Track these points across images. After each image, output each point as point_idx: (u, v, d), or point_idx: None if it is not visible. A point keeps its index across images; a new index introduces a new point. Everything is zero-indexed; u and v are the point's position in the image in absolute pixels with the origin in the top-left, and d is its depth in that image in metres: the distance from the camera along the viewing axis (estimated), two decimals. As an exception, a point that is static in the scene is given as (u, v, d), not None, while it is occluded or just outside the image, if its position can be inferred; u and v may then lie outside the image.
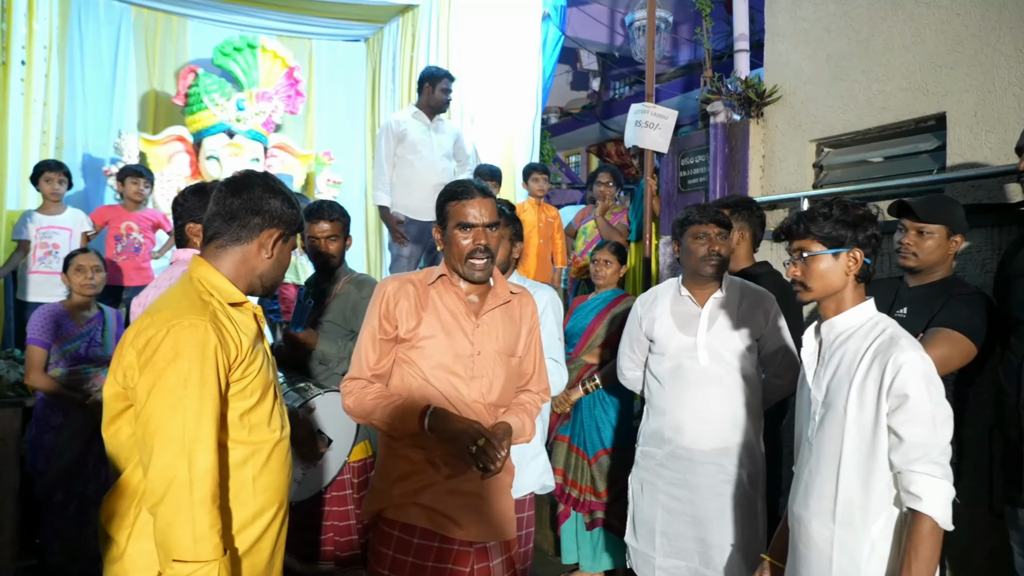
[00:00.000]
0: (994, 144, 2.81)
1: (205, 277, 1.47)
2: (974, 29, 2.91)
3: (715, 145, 3.97)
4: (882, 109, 3.27)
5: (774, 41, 3.86)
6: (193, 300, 1.41)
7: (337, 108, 7.29)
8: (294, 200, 1.58)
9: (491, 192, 1.85)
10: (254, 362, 1.46)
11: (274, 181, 1.57)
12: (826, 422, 1.64)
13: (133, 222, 4.51)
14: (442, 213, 1.86)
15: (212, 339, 1.34)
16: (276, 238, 1.53)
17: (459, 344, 1.82)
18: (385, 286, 1.87)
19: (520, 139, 6.09)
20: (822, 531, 1.61)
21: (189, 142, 5.96)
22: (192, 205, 2.21)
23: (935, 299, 2.16)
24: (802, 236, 1.67)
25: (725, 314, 2.34)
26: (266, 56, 6.33)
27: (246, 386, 1.43)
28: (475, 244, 1.79)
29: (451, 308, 1.85)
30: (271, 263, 1.53)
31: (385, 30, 6.91)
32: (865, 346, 1.61)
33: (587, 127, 10.29)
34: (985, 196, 2.81)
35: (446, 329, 1.82)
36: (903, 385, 1.51)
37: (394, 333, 1.84)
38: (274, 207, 1.51)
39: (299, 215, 1.59)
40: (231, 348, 1.39)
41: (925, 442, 1.50)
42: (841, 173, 3.58)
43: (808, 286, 1.67)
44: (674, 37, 8.12)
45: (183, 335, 1.32)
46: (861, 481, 1.56)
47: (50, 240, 4.20)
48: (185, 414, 1.30)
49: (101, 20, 6.21)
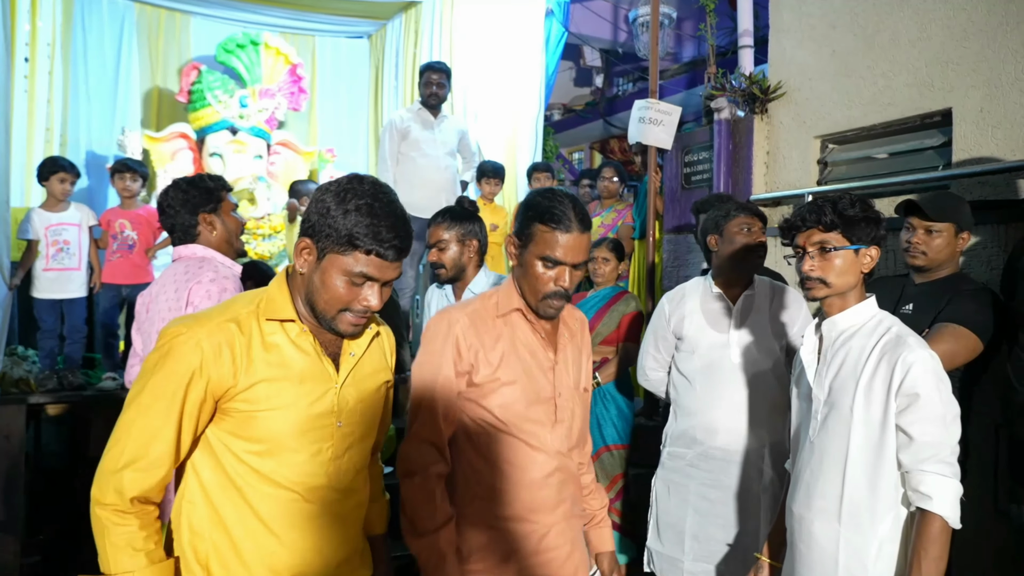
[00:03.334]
0: (1000, 140, 2.79)
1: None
2: (980, 24, 2.89)
3: (719, 142, 3.95)
4: (887, 105, 3.25)
5: (778, 37, 3.84)
6: (216, 307, 1.35)
7: (340, 105, 7.28)
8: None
9: (590, 223, 1.57)
10: (263, 396, 1.28)
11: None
12: (830, 421, 1.62)
13: (126, 219, 4.46)
14: (527, 228, 1.54)
15: (194, 345, 1.24)
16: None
17: (540, 387, 1.58)
18: (451, 323, 1.55)
19: (523, 136, 6.07)
20: (826, 531, 1.58)
21: (192, 139, 5.96)
22: (199, 196, 2.17)
23: (941, 295, 2.15)
24: (828, 228, 1.59)
25: (756, 311, 2.30)
26: (269, 53, 6.32)
27: (239, 411, 1.28)
28: (557, 285, 1.52)
29: (529, 345, 1.59)
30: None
31: (388, 27, 6.89)
32: (871, 344, 1.58)
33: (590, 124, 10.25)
34: (991, 192, 2.79)
35: (527, 371, 1.56)
36: (913, 384, 1.49)
37: (464, 381, 1.55)
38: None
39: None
40: (224, 359, 1.25)
41: (936, 441, 1.48)
42: (846, 169, 3.56)
43: (827, 282, 1.60)
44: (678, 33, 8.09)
45: (162, 347, 1.26)
46: (868, 481, 1.54)
47: (60, 237, 4.21)
48: (126, 424, 1.24)
49: (104, 17, 6.21)
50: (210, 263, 2.10)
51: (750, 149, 3.87)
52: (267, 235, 5.77)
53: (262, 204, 5.90)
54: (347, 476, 1.40)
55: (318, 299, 1.30)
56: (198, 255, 2.13)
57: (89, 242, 4.31)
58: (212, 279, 2.03)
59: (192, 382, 1.24)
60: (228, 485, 1.30)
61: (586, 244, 1.53)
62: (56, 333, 4.21)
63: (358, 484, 1.44)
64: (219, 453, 1.30)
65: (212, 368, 1.24)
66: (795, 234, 1.66)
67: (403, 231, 1.28)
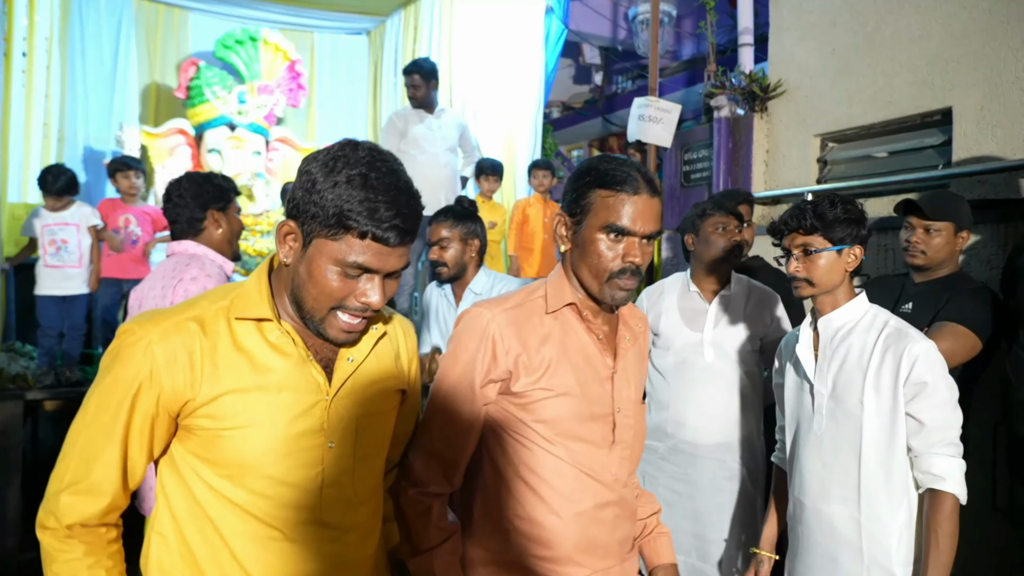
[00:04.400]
0: (1000, 139, 2.79)
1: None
2: (981, 22, 2.88)
3: (719, 140, 3.95)
4: (887, 103, 3.25)
5: (779, 35, 3.83)
6: (184, 304, 1.11)
7: (339, 101, 7.28)
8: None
9: (660, 188, 1.32)
10: (230, 411, 1.04)
11: None
12: (837, 415, 1.67)
13: (131, 215, 4.50)
14: (583, 198, 1.28)
15: (144, 347, 1.02)
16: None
17: (597, 400, 1.31)
18: (487, 321, 1.28)
19: (522, 133, 6.07)
20: (847, 521, 1.64)
21: (190, 135, 5.95)
22: (212, 192, 2.19)
23: (940, 294, 2.15)
24: (809, 232, 1.67)
25: (732, 311, 2.33)
26: (268, 49, 6.31)
27: (204, 429, 1.05)
28: (627, 261, 1.25)
29: (583, 349, 1.32)
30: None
31: (387, 23, 6.88)
32: (872, 339, 1.65)
33: (589, 121, 10.25)
34: (991, 191, 2.79)
35: (581, 380, 1.30)
36: (921, 374, 1.57)
37: (497, 389, 1.30)
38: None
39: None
40: (179, 367, 1.02)
41: (944, 424, 1.57)
42: (845, 168, 3.55)
43: (813, 282, 1.68)
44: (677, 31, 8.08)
45: (113, 345, 1.06)
46: (882, 468, 1.61)
47: (57, 236, 4.21)
48: (70, 442, 1.05)
49: (102, 12, 6.19)
50: (198, 261, 2.07)
51: (750, 147, 3.87)
52: (265, 232, 5.76)
53: (260, 200, 5.89)
54: (345, 508, 1.13)
55: (305, 295, 1.04)
56: (189, 252, 2.11)
57: (92, 241, 4.31)
58: (194, 277, 1.99)
59: (140, 393, 1.02)
60: (200, 515, 1.06)
61: (658, 211, 1.28)
62: (57, 330, 4.22)
63: (362, 517, 1.16)
64: (188, 478, 1.07)
65: (164, 376, 1.01)
66: (781, 236, 1.74)
67: (407, 208, 1.02)
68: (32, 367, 4.04)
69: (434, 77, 4.44)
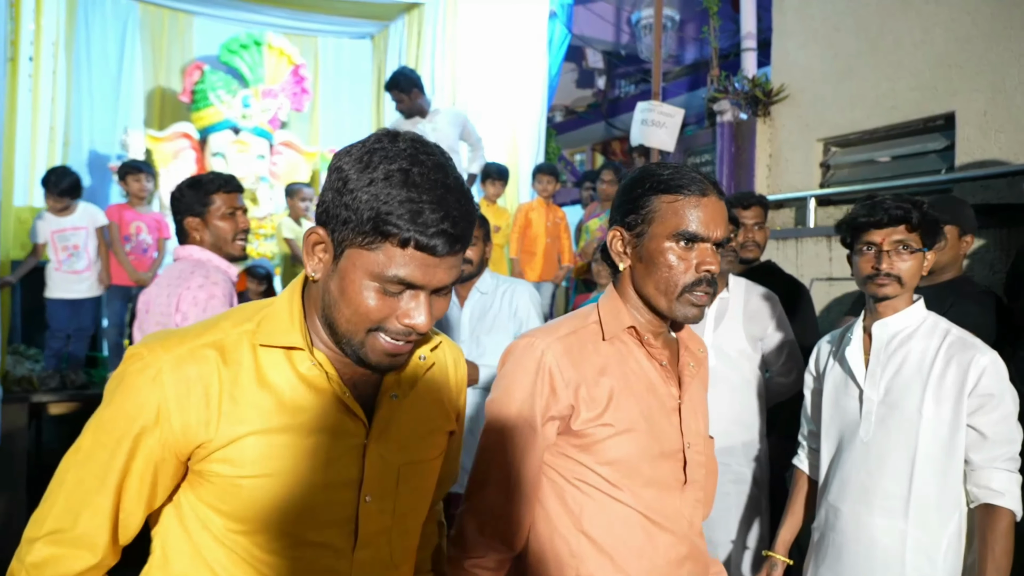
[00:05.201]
0: (1004, 144, 2.79)
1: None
2: (984, 28, 2.89)
3: (722, 144, 3.95)
4: (890, 108, 3.25)
5: (782, 40, 3.84)
6: (201, 324, 0.94)
7: (343, 105, 7.29)
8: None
9: (724, 192, 1.22)
10: (250, 456, 0.87)
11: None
12: (890, 422, 1.62)
13: (142, 222, 4.55)
14: (643, 207, 1.16)
15: (152, 378, 0.85)
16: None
17: (665, 435, 1.17)
18: (539, 353, 1.15)
19: (526, 137, 6.07)
20: (889, 530, 1.59)
21: (195, 139, 5.97)
22: (190, 199, 2.11)
23: (944, 299, 2.14)
24: (915, 228, 1.58)
25: (732, 314, 2.32)
26: (272, 53, 6.33)
27: (219, 476, 0.87)
28: (702, 271, 1.13)
29: (646, 378, 1.19)
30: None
31: (391, 28, 6.90)
32: (934, 346, 1.60)
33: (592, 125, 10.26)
34: (994, 196, 2.79)
35: (647, 414, 1.16)
36: (988, 386, 1.52)
37: (556, 428, 1.16)
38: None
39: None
40: (193, 402, 0.86)
41: (1008, 439, 1.53)
42: (848, 172, 3.56)
43: (904, 281, 1.60)
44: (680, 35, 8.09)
45: (118, 372, 0.89)
46: (936, 480, 1.56)
47: (68, 242, 4.24)
48: (58, 482, 0.88)
49: (108, 17, 6.22)
50: (202, 267, 2.04)
51: (752, 152, 3.87)
52: (269, 235, 5.78)
53: (264, 204, 5.91)
54: (378, 574, 0.96)
55: (338, 315, 0.87)
56: (193, 257, 2.09)
57: (99, 243, 4.34)
58: (200, 285, 1.97)
59: (144, 432, 0.85)
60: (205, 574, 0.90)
61: (726, 215, 1.16)
62: (65, 333, 4.26)
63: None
64: (192, 531, 0.90)
65: (175, 413, 0.85)
66: (864, 231, 1.62)
67: (458, 209, 0.84)
68: (37, 369, 4.05)
69: (415, 86, 4.35)
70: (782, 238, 3.48)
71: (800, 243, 3.39)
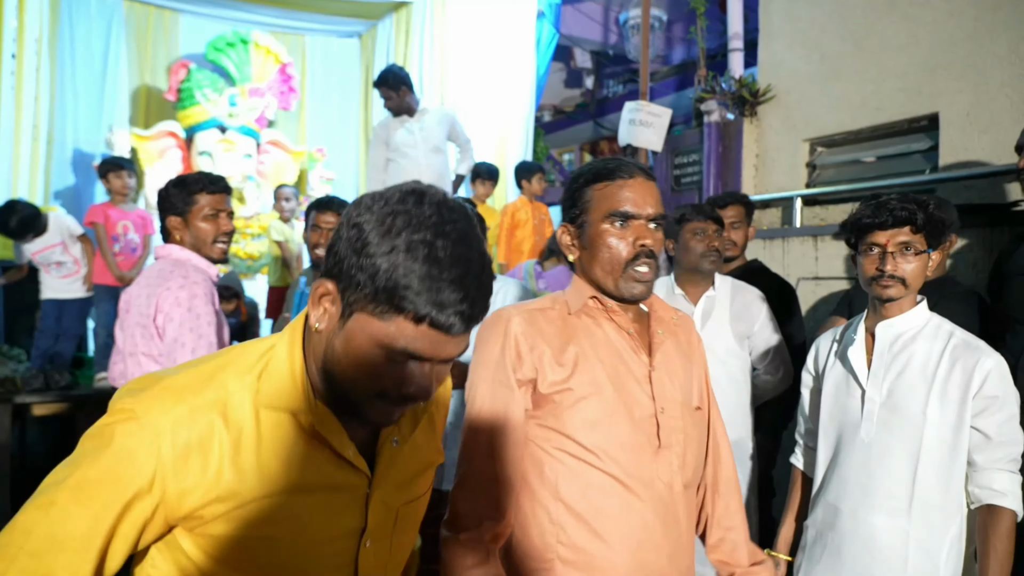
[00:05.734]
0: (987, 145, 2.82)
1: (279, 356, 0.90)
2: (968, 30, 2.91)
3: (709, 144, 3.97)
4: (876, 109, 3.28)
5: (768, 40, 3.86)
6: (198, 370, 0.87)
7: (330, 104, 7.26)
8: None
9: (653, 174, 1.29)
10: (256, 518, 0.84)
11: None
12: (892, 423, 1.62)
13: (128, 220, 4.51)
14: (577, 203, 1.25)
15: (148, 444, 0.79)
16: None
17: (635, 399, 1.21)
18: (507, 321, 1.22)
19: (514, 137, 6.07)
20: (891, 529, 1.59)
21: (181, 137, 5.92)
22: (174, 198, 2.08)
23: (927, 298, 2.15)
24: (919, 230, 1.58)
25: (718, 312, 2.33)
26: (259, 51, 6.29)
27: (221, 536, 0.83)
28: (639, 246, 1.19)
29: (615, 347, 1.24)
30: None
31: (379, 26, 6.88)
32: (938, 348, 1.60)
33: (581, 125, 10.27)
34: (978, 196, 2.82)
35: (614, 379, 1.21)
36: (993, 388, 1.53)
37: (528, 392, 1.22)
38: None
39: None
40: (192, 470, 0.81)
41: (1011, 440, 1.54)
42: (834, 173, 3.58)
43: (908, 283, 1.59)
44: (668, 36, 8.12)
45: (103, 429, 0.81)
46: (940, 481, 1.56)
47: (50, 260, 4.27)
48: (12, 545, 0.76)
49: (92, 14, 6.15)
50: (182, 266, 2.02)
51: (739, 151, 3.89)
52: (256, 235, 5.74)
53: (251, 203, 5.88)
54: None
55: (340, 375, 0.84)
56: (173, 256, 2.06)
57: (80, 245, 4.31)
58: (181, 285, 1.95)
59: (136, 499, 0.79)
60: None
61: (658, 194, 1.23)
62: (54, 333, 4.22)
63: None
64: (183, 567, 0.85)
65: (171, 481, 0.80)
66: (873, 231, 1.61)
67: (477, 288, 0.81)
68: (21, 370, 4.00)
69: (403, 84, 4.31)
70: (769, 238, 3.50)
71: (787, 242, 3.41)
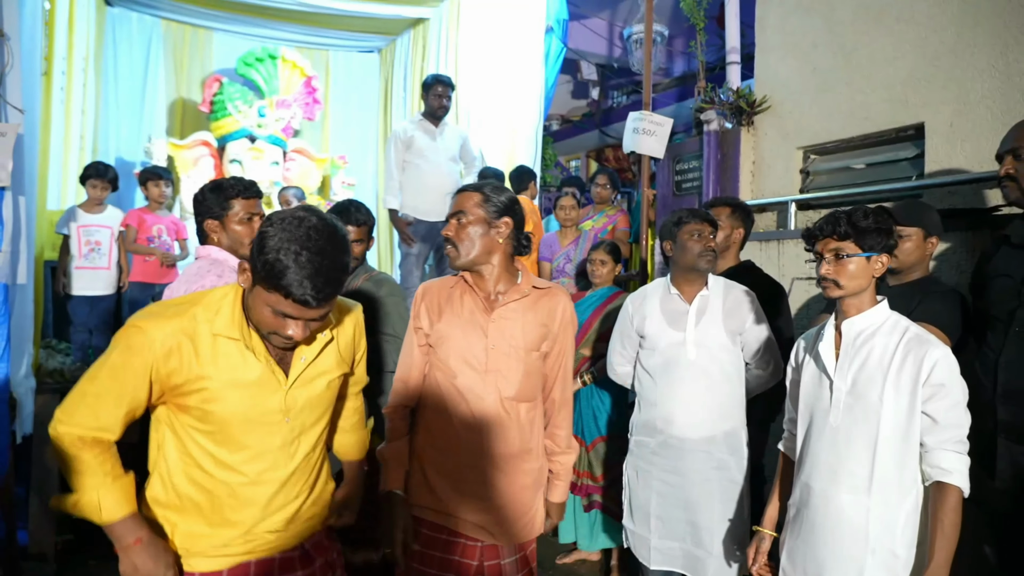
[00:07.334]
0: (969, 153, 2.83)
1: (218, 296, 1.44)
2: (951, 45, 2.93)
3: (708, 151, 3.99)
4: (864, 119, 3.30)
5: (764, 54, 3.88)
6: (181, 306, 1.41)
7: (351, 115, 7.34)
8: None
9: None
10: (214, 397, 1.39)
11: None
12: (856, 410, 1.70)
13: (162, 224, 4.60)
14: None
15: (148, 344, 1.33)
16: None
17: (475, 338, 1.78)
18: (417, 290, 1.89)
19: (523, 144, 6.10)
20: (855, 505, 1.67)
21: (214, 146, 6.01)
22: (210, 202, 2.10)
23: (912, 296, 2.18)
24: (842, 238, 1.70)
25: (711, 310, 2.35)
26: (286, 66, 6.36)
27: (196, 407, 1.39)
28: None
29: (468, 306, 1.82)
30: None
31: (397, 42, 6.94)
32: (894, 342, 1.69)
33: (587, 133, 10.30)
34: (960, 201, 2.84)
35: (462, 324, 1.80)
36: (939, 377, 1.62)
37: (423, 336, 1.85)
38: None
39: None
40: (173, 361, 1.36)
41: (956, 423, 1.62)
42: (826, 179, 3.60)
43: (841, 284, 1.70)
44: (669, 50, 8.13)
45: (125, 333, 1.36)
46: (896, 461, 1.65)
47: (92, 238, 4.28)
48: (84, 392, 1.35)
49: (134, 33, 6.27)
50: (219, 266, 2.05)
51: (737, 159, 3.92)
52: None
53: (278, 208, 5.95)
54: (296, 458, 1.50)
55: (252, 318, 1.37)
56: (212, 256, 2.09)
57: (118, 245, 4.38)
58: (214, 283, 1.97)
59: (144, 370, 1.34)
60: (190, 463, 1.43)
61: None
62: (87, 327, 4.29)
63: (308, 463, 1.54)
64: (183, 437, 1.42)
65: (162, 365, 1.34)
66: (815, 241, 1.76)
67: (325, 285, 1.28)
68: (68, 362, 4.09)
69: (453, 92, 4.62)
70: (765, 240, 3.52)
71: (782, 245, 3.44)
